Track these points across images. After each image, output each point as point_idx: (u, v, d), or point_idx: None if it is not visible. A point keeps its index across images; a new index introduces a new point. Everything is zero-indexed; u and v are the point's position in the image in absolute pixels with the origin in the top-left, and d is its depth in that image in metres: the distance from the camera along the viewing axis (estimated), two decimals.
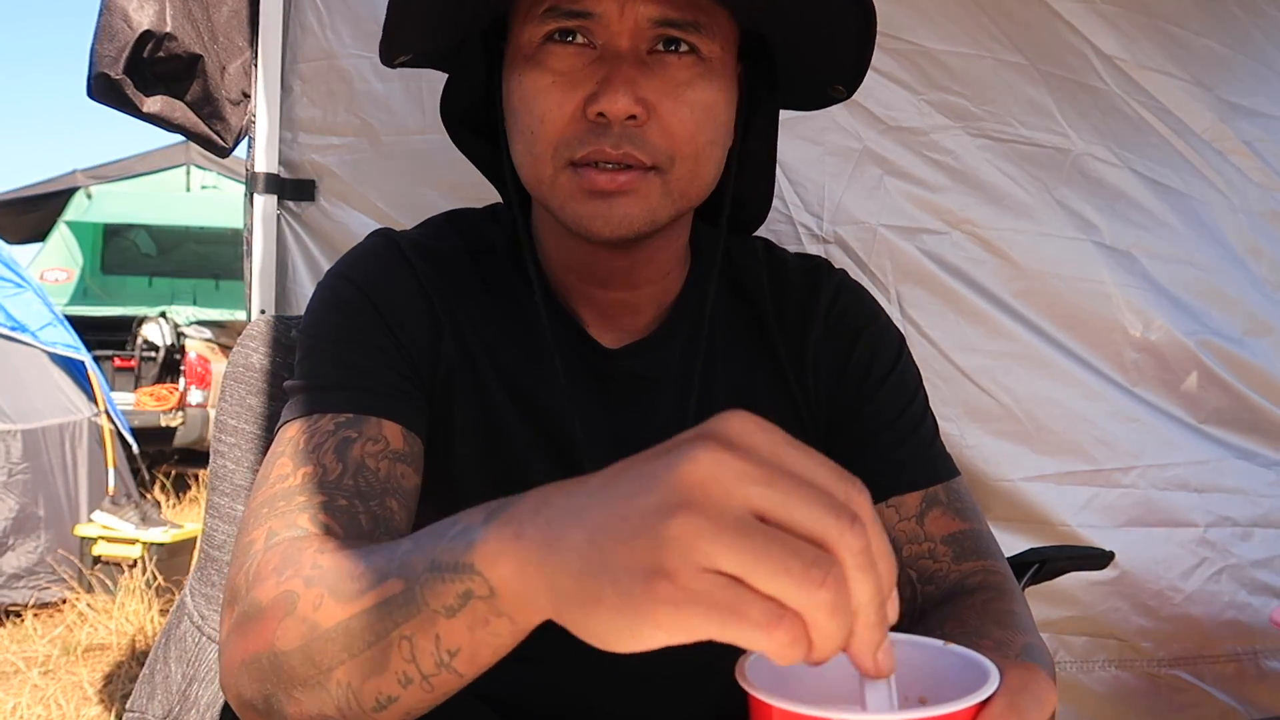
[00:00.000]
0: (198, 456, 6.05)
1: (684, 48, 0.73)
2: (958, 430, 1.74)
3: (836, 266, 0.94)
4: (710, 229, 0.92)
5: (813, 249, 1.73)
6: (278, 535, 0.65)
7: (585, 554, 0.41)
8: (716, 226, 0.91)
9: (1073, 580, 1.75)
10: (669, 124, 0.73)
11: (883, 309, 0.94)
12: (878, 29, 0.79)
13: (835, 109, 1.72)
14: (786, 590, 0.37)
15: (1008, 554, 0.88)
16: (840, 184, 1.74)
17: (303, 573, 0.58)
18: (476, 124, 0.89)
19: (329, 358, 0.77)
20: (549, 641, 0.50)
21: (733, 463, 0.39)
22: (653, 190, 0.74)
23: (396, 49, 0.82)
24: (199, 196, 8.26)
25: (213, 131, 1.61)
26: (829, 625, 0.38)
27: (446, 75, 0.90)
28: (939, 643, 0.48)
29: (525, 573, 0.45)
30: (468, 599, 0.48)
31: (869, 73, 0.84)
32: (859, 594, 0.38)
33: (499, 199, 0.94)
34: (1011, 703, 0.43)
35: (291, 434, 0.73)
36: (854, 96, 0.90)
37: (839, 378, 0.88)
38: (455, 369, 0.82)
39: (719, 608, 0.38)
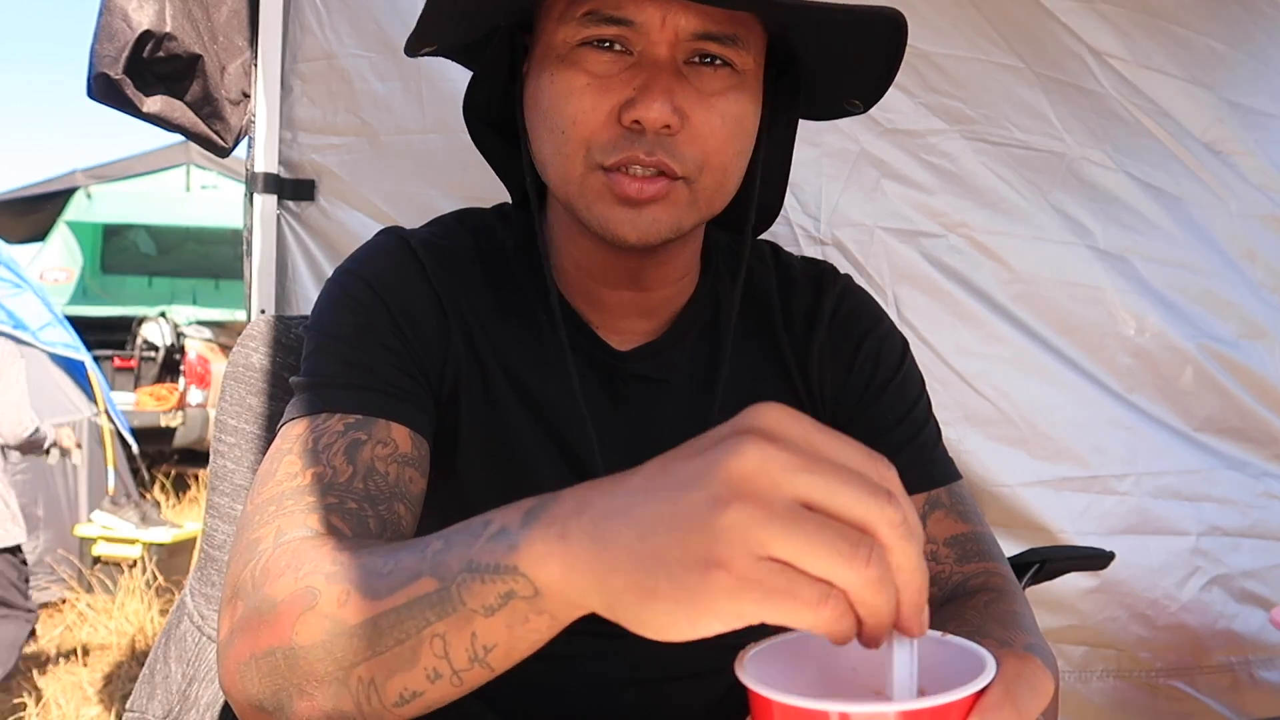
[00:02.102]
0: (198, 456, 6.05)
1: (719, 60, 0.74)
2: (955, 434, 1.74)
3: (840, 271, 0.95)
4: (720, 233, 0.92)
5: (810, 251, 1.74)
6: (287, 534, 0.64)
7: (637, 550, 0.43)
8: (730, 231, 0.92)
9: (1070, 588, 1.76)
10: (700, 134, 0.73)
11: (887, 314, 0.94)
12: None
13: None
14: (837, 571, 0.40)
15: (1006, 556, 0.88)
16: (838, 186, 1.74)
17: (323, 569, 0.58)
18: (493, 120, 0.88)
19: (338, 356, 0.77)
20: (553, 643, 0.50)
21: (777, 454, 0.41)
22: (680, 199, 0.74)
23: (424, 41, 0.82)
24: (199, 196, 8.26)
25: (213, 131, 1.61)
26: (876, 599, 0.41)
27: (450, 76, 0.90)
28: (936, 634, 0.49)
29: (574, 573, 0.46)
30: (509, 599, 0.48)
31: None
32: (904, 562, 0.41)
33: (500, 198, 0.94)
34: (1007, 691, 0.44)
35: (299, 431, 0.73)
36: None
37: (843, 381, 0.89)
38: (463, 370, 0.82)
39: (774, 592, 0.40)
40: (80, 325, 4.64)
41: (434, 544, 0.54)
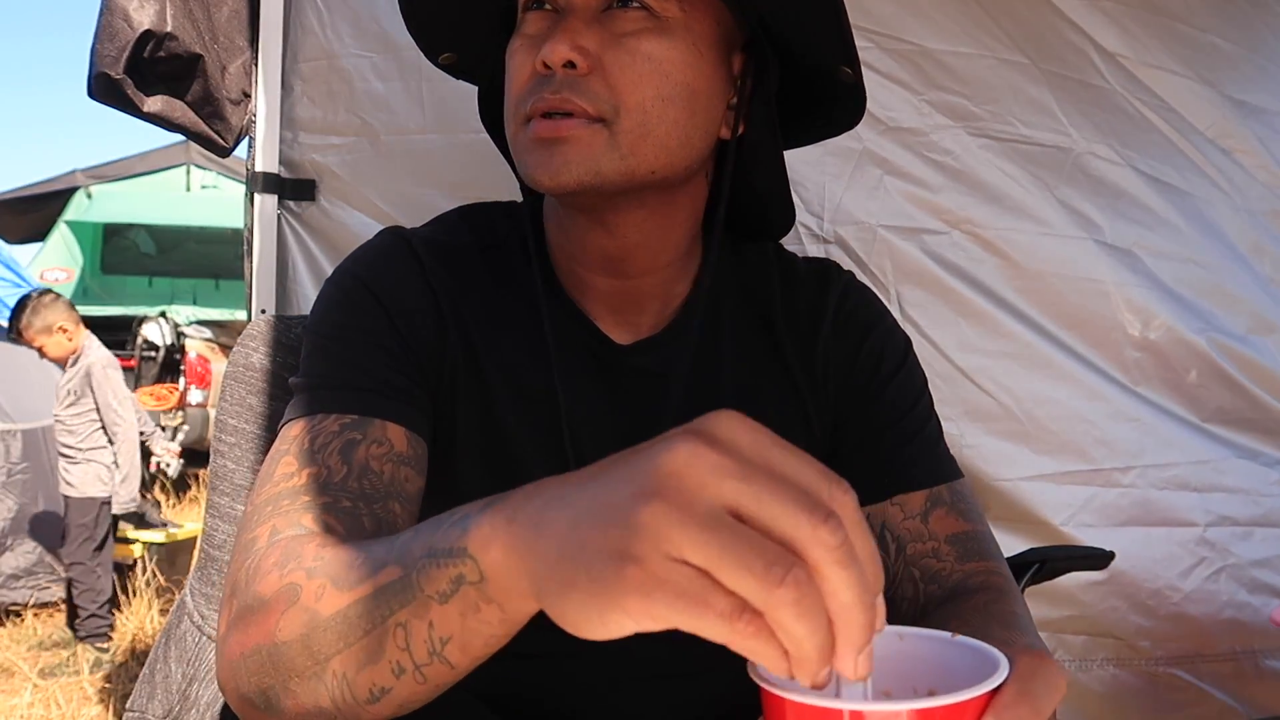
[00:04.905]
0: (198, 456, 6.05)
1: (634, 3, 0.75)
2: (957, 430, 1.74)
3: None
4: (727, 235, 0.92)
5: (813, 249, 1.73)
6: (281, 533, 0.65)
7: (565, 538, 0.42)
8: (745, 238, 0.92)
9: (1071, 580, 1.75)
10: (611, 73, 0.74)
11: (889, 311, 0.94)
12: (876, 29, 0.79)
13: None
14: (748, 587, 0.38)
15: (1007, 554, 0.88)
16: (840, 184, 1.74)
17: (305, 564, 0.58)
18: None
19: (335, 357, 0.77)
20: (547, 640, 0.50)
21: (710, 456, 0.40)
22: (596, 140, 0.74)
23: (424, 39, 0.84)
24: (199, 196, 8.27)
25: (213, 131, 1.61)
26: (795, 626, 0.38)
27: (451, 76, 0.91)
28: (946, 635, 0.49)
29: (511, 557, 0.46)
30: (459, 584, 0.48)
31: (869, 72, 0.83)
32: (840, 590, 0.38)
33: (500, 198, 0.94)
34: (1023, 689, 0.44)
35: (296, 433, 0.73)
36: None
37: (846, 376, 0.88)
38: (460, 369, 0.82)
39: (685, 597, 0.38)
40: None
41: (405, 534, 0.55)
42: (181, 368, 6.46)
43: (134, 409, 3.75)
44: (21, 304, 3.63)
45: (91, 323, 3.89)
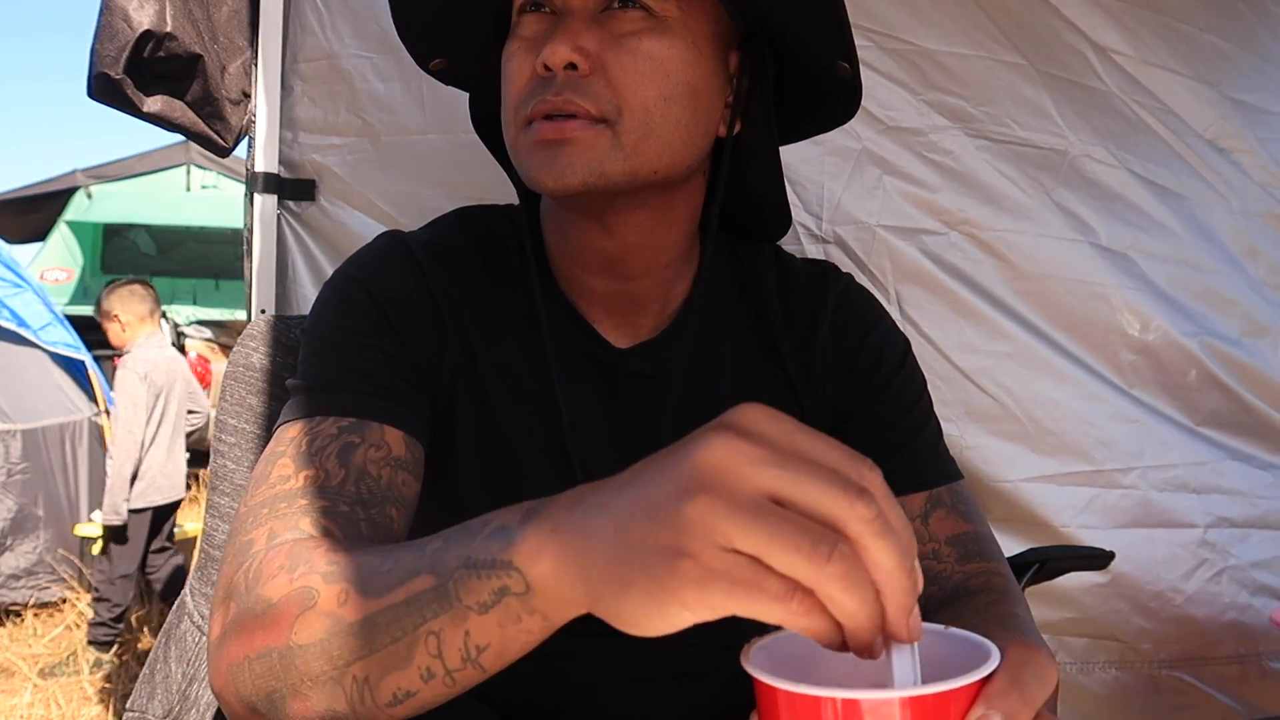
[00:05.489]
0: (198, 456, 6.05)
1: (633, 3, 0.75)
2: (958, 431, 1.74)
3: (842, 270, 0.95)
4: (725, 237, 0.92)
5: (812, 249, 1.74)
6: (280, 537, 0.64)
7: (614, 542, 0.44)
8: (742, 239, 0.92)
9: (1073, 582, 1.75)
10: (613, 74, 0.74)
11: (888, 313, 0.94)
12: (875, 28, 0.79)
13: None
14: (798, 567, 0.40)
15: (1007, 555, 0.88)
16: (839, 184, 1.74)
17: (318, 569, 0.58)
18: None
19: (334, 360, 0.77)
20: (550, 639, 0.50)
21: (746, 448, 0.42)
22: (600, 141, 0.74)
23: (413, 43, 0.86)
24: (199, 196, 8.27)
25: (213, 131, 1.61)
26: (844, 599, 0.40)
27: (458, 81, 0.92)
28: (939, 627, 0.50)
29: (562, 567, 0.46)
30: (503, 595, 0.49)
31: (868, 72, 0.83)
32: (882, 560, 0.41)
33: (500, 198, 0.94)
34: (1013, 678, 0.45)
35: (293, 434, 0.73)
36: None
37: (845, 378, 0.89)
38: (459, 373, 0.82)
39: (740, 584, 0.40)
40: (80, 325, 4.63)
41: (434, 543, 0.54)
42: None
43: (148, 422, 3.56)
44: (110, 285, 3.80)
45: (92, 323, 3.89)
